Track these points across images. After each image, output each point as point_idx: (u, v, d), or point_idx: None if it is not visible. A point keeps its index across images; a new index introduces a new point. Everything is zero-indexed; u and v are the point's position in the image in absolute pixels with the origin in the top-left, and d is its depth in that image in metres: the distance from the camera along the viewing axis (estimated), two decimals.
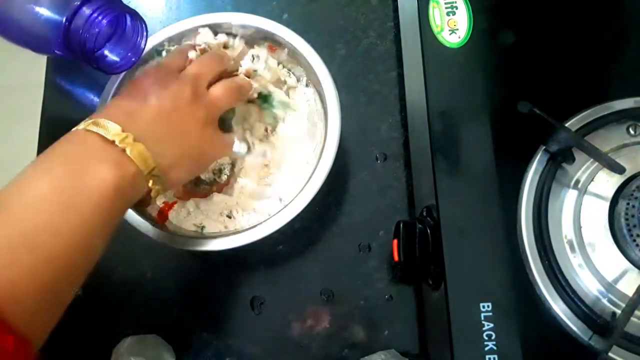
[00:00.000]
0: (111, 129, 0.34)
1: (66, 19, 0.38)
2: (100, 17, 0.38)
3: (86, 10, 0.38)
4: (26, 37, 0.39)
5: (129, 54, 0.43)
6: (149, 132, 0.35)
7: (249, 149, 0.46)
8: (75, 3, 0.38)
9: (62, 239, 0.30)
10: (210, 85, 0.42)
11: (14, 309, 0.27)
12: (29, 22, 0.38)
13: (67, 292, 0.32)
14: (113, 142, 0.33)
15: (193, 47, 0.47)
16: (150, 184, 0.35)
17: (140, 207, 0.40)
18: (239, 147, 0.45)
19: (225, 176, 0.47)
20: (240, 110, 0.47)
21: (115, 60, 0.43)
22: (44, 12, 0.38)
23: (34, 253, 0.29)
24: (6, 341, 0.26)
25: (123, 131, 0.34)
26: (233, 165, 0.47)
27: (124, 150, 0.33)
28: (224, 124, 0.46)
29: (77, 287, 0.32)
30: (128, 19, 0.42)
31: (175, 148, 0.37)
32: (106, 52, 0.42)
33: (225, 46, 0.47)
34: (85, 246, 0.31)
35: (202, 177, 0.47)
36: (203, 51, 0.46)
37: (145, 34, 0.43)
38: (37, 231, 0.29)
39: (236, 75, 0.46)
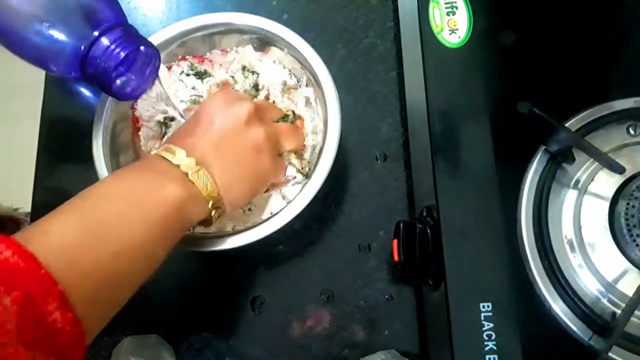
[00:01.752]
0: (177, 154, 0.37)
1: (85, 47, 0.39)
2: (118, 50, 0.39)
3: (104, 41, 0.39)
4: (43, 60, 0.40)
5: (140, 84, 0.43)
6: (212, 155, 0.38)
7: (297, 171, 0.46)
8: (94, 33, 0.39)
9: (128, 238, 0.32)
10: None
11: (77, 292, 0.28)
12: (46, 46, 0.39)
13: (125, 290, 0.33)
14: (178, 165, 0.36)
15: None
16: (210, 205, 0.37)
17: (205, 225, 0.41)
18: (291, 171, 0.45)
19: None
20: None
21: (128, 89, 0.44)
22: (62, 37, 0.39)
23: (102, 244, 0.31)
24: (66, 319, 0.27)
25: (188, 156, 0.37)
26: None
27: (187, 174, 0.36)
28: None
29: (133, 289, 0.34)
30: (143, 49, 0.43)
31: (236, 171, 0.39)
32: (119, 80, 0.43)
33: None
34: (146, 249, 0.34)
35: None
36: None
37: (158, 64, 0.44)
38: (107, 225, 0.32)
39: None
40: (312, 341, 0.46)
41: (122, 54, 0.39)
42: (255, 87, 0.48)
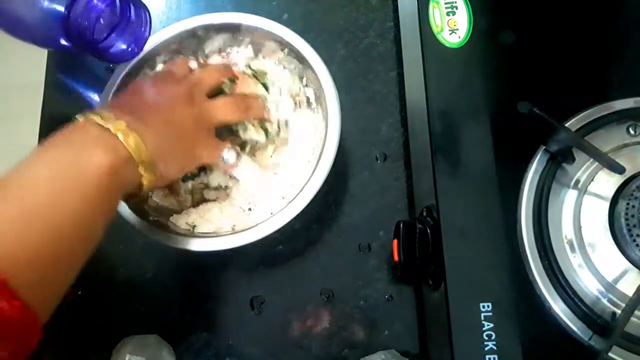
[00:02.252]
0: (107, 118, 0.36)
1: (66, 7, 0.38)
2: (99, 2, 0.38)
3: None
4: (29, 30, 0.39)
5: (132, 45, 0.43)
6: (143, 123, 0.37)
7: (237, 157, 0.46)
8: None
9: (62, 214, 0.32)
10: (212, 96, 0.44)
11: (18, 279, 0.28)
12: (30, 15, 0.38)
13: (70, 268, 0.33)
14: (108, 129, 0.35)
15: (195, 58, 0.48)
16: (142, 171, 0.37)
17: (134, 200, 0.41)
18: (227, 155, 0.45)
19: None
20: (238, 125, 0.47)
21: (118, 51, 0.43)
22: (45, 3, 0.38)
23: (35, 227, 0.30)
24: (13, 307, 0.27)
25: (116, 119, 0.36)
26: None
27: (117, 137, 0.35)
28: (219, 134, 0.46)
29: (79, 264, 0.33)
30: (132, 9, 0.42)
31: (166, 140, 0.39)
32: (110, 43, 0.42)
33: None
34: (85, 223, 0.33)
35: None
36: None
37: (149, 24, 0.43)
38: (37, 206, 0.31)
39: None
40: (312, 341, 0.46)
41: (103, 5, 0.38)
42: (265, 86, 0.48)
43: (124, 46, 0.43)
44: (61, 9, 0.38)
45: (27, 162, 0.33)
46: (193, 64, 0.48)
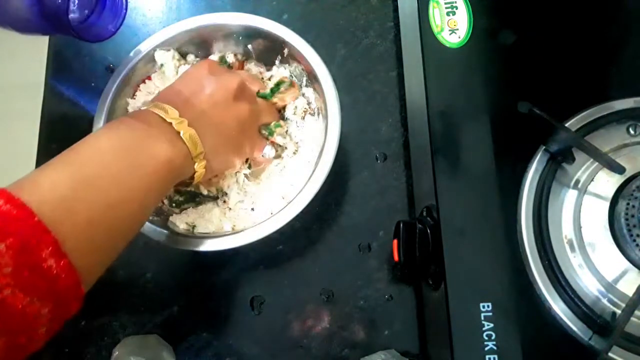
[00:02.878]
0: (170, 113, 0.38)
1: None
2: None
3: None
4: (8, 16, 0.39)
5: (109, 24, 0.43)
6: (200, 119, 0.39)
7: (276, 154, 0.48)
8: None
9: (121, 190, 0.33)
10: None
11: (70, 238, 0.29)
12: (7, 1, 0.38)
13: (119, 240, 0.34)
14: (170, 124, 0.38)
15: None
16: (196, 166, 0.39)
17: (185, 186, 0.44)
18: (269, 151, 0.46)
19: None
20: None
21: (96, 30, 0.43)
22: None
23: (95, 195, 0.32)
24: (61, 266, 0.28)
25: (180, 116, 0.38)
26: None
27: (179, 133, 0.38)
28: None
29: (126, 241, 0.35)
30: None
31: (218, 137, 0.41)
32: (88, 23, 0.42)
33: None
34: (139, 201, 0.35)
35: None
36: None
37: (125, 3, 0.43)
38: (99, 177, 0.33)
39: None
40: (312, 341, 0.46)
41: None
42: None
43: (101, 25, 0.43)
44: None
45: (95, 135, 0.36)
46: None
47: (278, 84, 0.47)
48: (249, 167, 0.47)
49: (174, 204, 0.46)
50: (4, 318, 0.27)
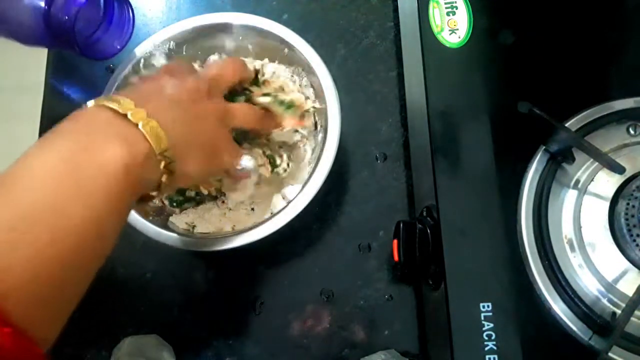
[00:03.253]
0: (124, 103, 0.31)
1: (45, 2, 0.38)
2: None
3: None
4: (13, 28, 0.39)
5: (115, 41, 0.42)
6: (165, 113, 0.33)
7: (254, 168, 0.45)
8: None
9: (67, 220, 0.27)
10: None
11: (12, 300, 0.24)
12: (13, 12, 0.38)
13: (77, 283, 0.28)
14: (125, 115, 0.30)
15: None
16: (162, 166, 0.32)
17: (149, 199, 0.37)
18: (247, 161, 0.43)
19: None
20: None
21: (101, 47, 0.42)
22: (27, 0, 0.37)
23: (35, 235, 0.26)
24: (3, 334, 0.23)
25: (136, 107, 0.31)
26: None
27: (136, 125, 0.30)
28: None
29: (88, 279, 0.29)
30: (116, 6, 0.42)
31: (189, 134, 0.34)
32: (94, 39, 0.42)
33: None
34: (94, 230, 0.28)
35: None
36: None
37: (132, 21, 0.43)
38: (39, 211, 0.26)
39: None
40: (312, 341, 0.46)
41: (83, 0, 0.38)
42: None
43: (106, 42, 0.43)
44: (41, 4, 0.38)
45: (28, 156, 0.28)
46: (213, 56, 0.48)
47: (290, 105, 0.44)
48: (219, 189, 0.44)
49: (174, 204, 0.46)
50: None
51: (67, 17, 0.38)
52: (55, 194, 0.27)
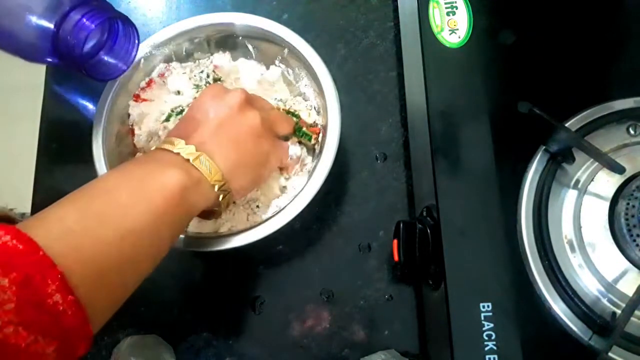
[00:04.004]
0: (177, 144, 0.38)
1: (55, 25, 0.38)
2: (88, 22, 0.38)
3: (75, 16, 0.38)
4: (17, 45, 0.39)
5: (119, 63, 0.42)
6: (210, 142, 0.38)
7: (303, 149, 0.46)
8: (65, 8, 0.38)
9: (130, 221, 0.32)
10: None
11: (77, 276, 0.28)
12: (20, 30, 0.38)
13: (130, 275, 0.33)
14: (179, 153, 0.37)
15: None
16: (216, 189, 0.38)
17: (216, 214, 0.42)
18: (294, 150, 0.45)
19: None
20: None
21: (105, 68, 0.42)
22: (35, 19, 0.38)
23: (103, 228, 0.31)
24: (67, 302, 0.27)
25: (186, 144, 0.38)
26: None
27: (188, 160, 0.37)
28: None
29: (141, 275, 0.34)
30: (120, 26, 0.42)
31: (235, 156, 0.39)
32: (98, 59, 0.42)
33: None
34: (150, 234, 0.33)
35: None
36: None
37: (137, 42, 0.43)
38: (108, 210, 0.32)
39: None
40: (312, 341, 0.46)
41: (93, 25, 0.38)
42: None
43: (111, 63, 0.43)
44: (50, 26, 0.38)
45: (101, 176, 0.36)
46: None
47: (299, 130, 0.46)
48: (283, 176, 0.46)
49: None
50: (7, 357, 0.25)
51: (75, 41, 0.38)
52: (121, 201, 0.33)
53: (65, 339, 0.27)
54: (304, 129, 0.46)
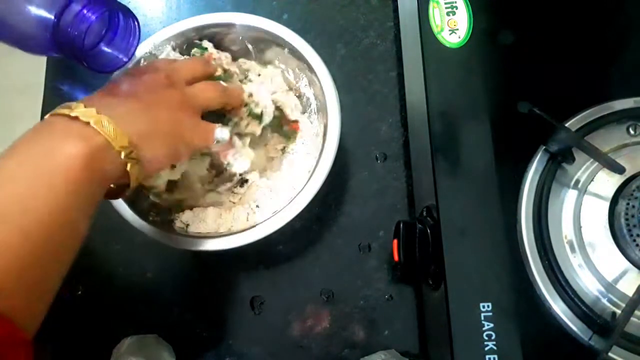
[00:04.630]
0: (75, 107, 0.33)
1: (55, 16, 0.38)
2: (89, 13, 0.38)
3: (75, 7, 0.38)
4: (17, 36, 0.39)
5: (120, 54, 0.42)
6: (118, 107, 0.35)
7: (231, 138, 0.44)
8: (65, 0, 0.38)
9: (34, 215, 0.29)
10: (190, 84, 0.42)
11: None
12: (19, 21, 0.38)
13: (52, 273, 0.30)
14: (77, 117, 0.32)
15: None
16: (122, 156, 0.33)
17: (124, 191, 0.37)
18: (220, 134, 0.42)
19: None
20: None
21: (106, 60, 0.42)
22: (34, 10, 0.37)
23: (7, 232, 0.28)
24: None
25: (85, 107, 0.33)
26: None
27: (88, 123, 0.32)
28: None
29: (64, 267, 0.31)
30: (121, 18, 0.42)
31: (148, 122, 0.36)
32: (98, 51, 0.42)
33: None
34: (61, 220, 0.30)
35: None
36: None
37: (138, 33, 0.43)
38: (6, 210, 0.29)
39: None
40: (312, 341, 0.46)
41: (93, 17, 0.38)
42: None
43: (111, 55, 0.43)
44: (50, 16, 0.38)
45: None
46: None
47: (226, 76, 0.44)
48: (213, 167, 0.45)
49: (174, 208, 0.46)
50: None
51: (76, 33, 0.38)
52: (19, 194, 0.29)
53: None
54: (285, 127, 0.45)
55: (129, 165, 0.34)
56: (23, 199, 0.29)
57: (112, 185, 0.36)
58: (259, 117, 0.45)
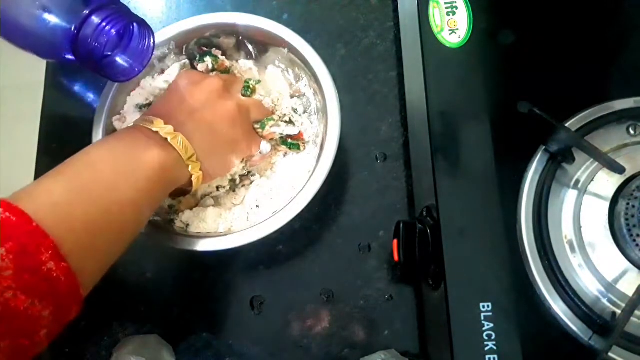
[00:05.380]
0: (155, 123, 0.39)
1: (75, 27, 0.38)
2: (109, 27, 0.39)
3: (95, 19, 0.39)
4: (34, 43, 0.39)
5: (134, 64, 0.43)
6: (187, 124, 0.40)
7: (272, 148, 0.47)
8: (85, 12, 0.38)
9: (116, 195, 0.34)
10: None
11: (69, 245, 0.30)
12: (37, 29, 0.38)
13: (115, 249, 0.35)
14: (157, 132, 0.38)
15: None
16: (190, 169, 0.40)
17: (186, 193, 0.45)
18: (265, 146, 0.46)
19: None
20: None
21: (121, 69, 0.43)
22: (53, 19, 0.38)
23: (90, 200, 0.33)
24: (60, 268, 0.29)
25: (165, 124, 0.39)
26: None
27: (166, 139, 0.38)
28: None
29: (125, 244, 0.36)
30: (136, 28, 0.42)
31: (209, 141, 0.41)
32: (113, 60, 0.42)
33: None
34: (134, 207, 0.36)
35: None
36: None
37: (152, 44, 0.43)
38: (94, 183, 0.34)
39: None
40: (312, 341, 0.46)
41: (113, 31, 0.39)
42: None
43: (126, 64, 0.43)
44: (69, 27, 0.38)
45: (85, 150, 0.37)
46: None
47: (285, 142, 0.47)
48: (244, 168, 0.46)
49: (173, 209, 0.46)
50: (7, 320, 0.27)
51: (96, 44, 0.39)
52: (106, 175, 0.35)
53: (59, 303, 0.30)
54: (290, 140, 0.47)
55: (194, 176, 0.40)
56: (110, 179, 0.35)
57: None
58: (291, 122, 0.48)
